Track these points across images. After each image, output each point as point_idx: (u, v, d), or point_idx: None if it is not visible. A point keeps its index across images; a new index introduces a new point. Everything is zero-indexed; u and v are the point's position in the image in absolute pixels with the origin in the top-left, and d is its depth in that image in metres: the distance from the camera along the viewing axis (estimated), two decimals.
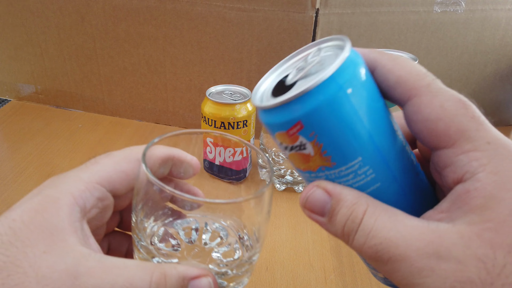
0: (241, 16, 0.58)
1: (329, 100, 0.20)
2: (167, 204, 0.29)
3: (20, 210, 0.23)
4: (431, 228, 0.19)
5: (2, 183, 0.54)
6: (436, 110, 0.20)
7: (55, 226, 0.22)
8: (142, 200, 0.26)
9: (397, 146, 0.22)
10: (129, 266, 0.22)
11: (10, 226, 0.22)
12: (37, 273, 0.21)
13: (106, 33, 0.64)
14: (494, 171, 0.19)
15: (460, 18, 0.61)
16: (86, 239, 0.24)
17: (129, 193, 0.28)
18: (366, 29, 0.59)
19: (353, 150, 0.21)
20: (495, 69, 0.67)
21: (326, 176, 0.22)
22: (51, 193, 0.24)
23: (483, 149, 0.19)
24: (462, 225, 0.19)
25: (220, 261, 0.28)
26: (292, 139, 0.21)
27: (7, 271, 0.21)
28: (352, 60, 0.20)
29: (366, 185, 0.22)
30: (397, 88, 0.21)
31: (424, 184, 0.24)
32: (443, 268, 0.18)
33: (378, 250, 0.20)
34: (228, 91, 0.55)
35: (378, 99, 0.21)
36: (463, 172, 0.20)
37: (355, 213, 0.21)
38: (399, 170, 0.22)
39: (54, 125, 0.68)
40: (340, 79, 0.20)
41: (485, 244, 0.18)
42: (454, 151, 0.20)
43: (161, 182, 0.24)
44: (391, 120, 0.22)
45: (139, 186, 0.26)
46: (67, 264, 0.21)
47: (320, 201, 0.22)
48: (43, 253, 0.21)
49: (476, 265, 0.18)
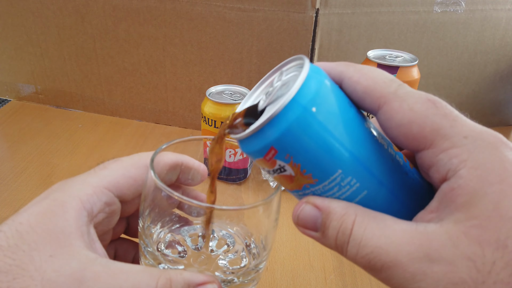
0: (241, 16, 0.58)
1: (295, 122, 0.20)
2: (174, 211, 0.29)
3: (27, 214, 0.23)
4: (420, 230, 0.19)
5: (2, 183, 0.54)
6: (406, 114, 0.20)
7: (62, 230, 0.22)
8: (149, 206, 0.26)
9: (377, 151, 0.22)
10: (135, 271, 0.22)
11: (17, 229, 0.22)
12: (43, 277, 0.21)
13: (106, 33, 0.64)
14: (475, 166, 0.19)
15: (460, 18, 0.61)
16: (93, 243, 0.24)
17: (136, 199, 0.28)
18: (366, 29, 0.59)
19: (331, 164, 0.21)
20: (495, 69, 0.67)
21: (313, 192, 0.22)
22: (58, 197, 0.24)
23: (460, 145, 0.19)
24: (449, 225, 0.19)
25: (226, 268, 0.28)
26: (270, 164, 0.22)
27: (13, 274, 0.21)
28: (313, 78, 0.20)
29: (353, 195, 0.22)
30: (366, 98, 0.21)
31: (415, 183, 0.23)
32: (435, 271, 0.18)
33: (371, 259, 0.20)
34: (228, 91, 0.55)
35: (348, 110, 0.21)
36: (445, 171, 0.20)
37: (344, 225, 0.21)
38: (383, 174, 0.22)
39: (54, 125, 0.68)
40: (302, 100, 0.20)
41: (473, 242, 0.18)
42: (433, 151, 0.20)
43: (169, 188, 0.24)
44: (367, 126, 0.22)
45: (146, 192, 0.26)
46: (73, 269, 0.21)
47: (310, 216, 0.22)
48: (50, 257, 0.21)
49: (466, 264, 0.18)
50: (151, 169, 0.25)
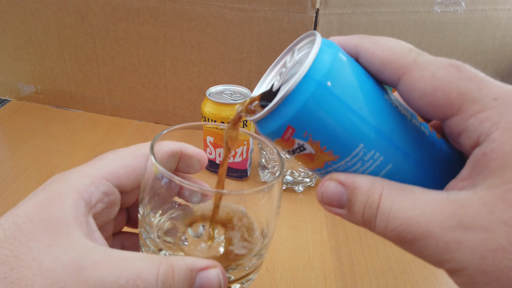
0: (241, 16, 0.58)
1: (311, 98, 0.19)
2: (175, 199, 0.29)
3: (24, 206, 0.23)
4: (451, 198, 0.18)
5: (2, 183, 0.54)
6: (429, 82, 0.19)
7: (59, 220, 0.22)
8: (149, 193, 0.26)
9: (399, 122, 0.21)
10: (135, 258, 0.22)
11: (14, 221, 0.22)
12: (40, 266, 0.20)
13: (106, 33, 0.64)
14: (509, 127, 0.18)
15: (460, 18, 0.61)
16: (92, 233, 0.23)
17: (136, 190, 0.28)
18: (366, 29, 0.59)
19: (351, 139, 0.20)
20: (495, 69, 0.67)
21: (335, 169, 0.22)
22: (55, 188, 0.24)
23: (491, 107, 0.18)
24: (483, 190, 0.18)
25: (227, 255, 0.28)
26: (289, 143, 0.21)
27: (10, 265, 0.20)
28: (326, 52, 0.20)
29: (378, 169, 0.21)
30: (384, 70, 0.21)
31: (444, 153, 0.22)
32: (470, 239, 0.17)
33: (401, 232, 0.19)
34: (228, 91, 0.55)
35: (365, 82, 0.21)
36: (477, 136, 0.19)
37: (371, 198, 0.20)
38: (408, 145, 0.21)
39: (54, 125, 0.68)
40: (316, 75, 0.19)
41: (510, 207, 0.17)
42: (462, 117, 0.19)
43: (170, 172, 0.24)
44: (387, 97, 0.21)
45: (147, 179, 0.26)
46: (71, 257, 0.21)
47: (335, 193, 0.21)
48: (47, 246, 0.21)
49: (503, 230, 0.17)
50: (151, 154, 0.25)
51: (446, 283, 0.44)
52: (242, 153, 0.53)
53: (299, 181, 0.56)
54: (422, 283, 0.44)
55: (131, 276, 0.21)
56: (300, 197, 0.56)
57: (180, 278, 0.22)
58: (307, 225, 0.51)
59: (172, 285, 0.21)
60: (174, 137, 0.29)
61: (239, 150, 0.53)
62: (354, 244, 0.48)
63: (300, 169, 0.55)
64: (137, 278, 0.21)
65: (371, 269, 0.45)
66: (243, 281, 0.27)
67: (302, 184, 0.56)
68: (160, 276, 0.21)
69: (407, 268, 0.45)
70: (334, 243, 0.48)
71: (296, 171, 0.55)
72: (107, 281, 0.20)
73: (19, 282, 0.20)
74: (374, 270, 0.45)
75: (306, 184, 0.56)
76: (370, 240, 0.49)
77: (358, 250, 0.47)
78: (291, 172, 0.55)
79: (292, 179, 0.55)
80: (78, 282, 0.20)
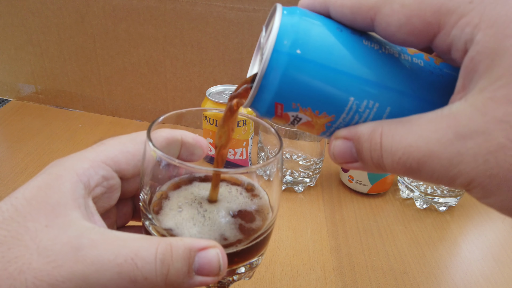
0: (241, 16, 0.58)
1: (285, 72, 0.20)
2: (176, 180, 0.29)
3: (23, 189, 0.23)
4: (445, 113, 0.18)
5: (2, 183, 0.54)
6: (401, 12, 0.19)
7: (57, 201, 0.22)
8: (149, 179, 0.26)
9: (385, 63, 0.21)
10: (133, 238, 0.22)
11: (12, 203, 0.22)
12: (38, 245, 0.20)
13: (106, 33, 0.64)
14: (490, 24, 0.17)
15: None
16: (91, 216, 0.23)
17: (137, 177, 0.28)
18: None
19: (339, 97, 0.20)
20: None
21: (337, 128, 0.22)
22: (54, 171, 0.24)
23: (468, 11, 0.18)
24: (473, 96, 0.17)
25: (230, 236, 0.28)
26: (284, 118, 0.22)
27: (8, 244, 0.20)
28: (288, 22, 0.20)
29: (377, 116, 0.21)
30: (356, 17, 0.21)
31: (445, 78, 0.22)
32: (469, 147, 0.17)
33: (405, 161, 0.19)
34: (228, 91, 0.55)
35: (338, 35, 0.21)
36: (463, 44, 0.18)
37: (374, 141, 0.20)
38: (402, 83, 0.21)
39: (54, 125, 0.68)
40: (283, 48, 0.19)
41: (502, 103, 0.16)
42: (444, 32, 0.19)
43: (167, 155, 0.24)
44: (366, 43, 0.21)
45: (146, 165, 0.26)
46: (69, 237, 0.21)
47: (344, 149, 0.22)
48: (45, 226, 0.21)
49: (499, 128, 0.16)
50: (148, 138, 0.25)
51: (446, 283, 0.44)
52: (242, 153, 0.53)
53: (299, 181, 0.56)
54: (422, 283, 0.44)
55: (129, 255, 0.21)
56: (300, 197, 0.56)
57: (179, 257, 0.22)
58: (307, 225, 0.51)
59: (171, 264, 0.21)
60: (176, 115, 0.29)
61: (239, 150, 0.53)
62: (354, 244, 0.48)
63: (300, 169, 0.55)
64: (135, 256, 0.21)
65: (371, 269, 0.45)
66: (247, 264, 0.27)
67: (302, 184, 0.56)
68: (159, 255, 0.21)
69: (407, 268, 0.45)
70: (334, 243, 0.48)
71: (296, 171, 0.55)
72: (105, 259, 0.20)
73: (16, 261, 0.20)
74: (374, 270, 0.45)
75: (306, 184, 0.56)
76: (370, 240, 0.49)
77: (358, 250, 0.47)
78: (291, 172, 0.55)
79: (292, 179, 0.55)
80: (75, 260, 0.20)
